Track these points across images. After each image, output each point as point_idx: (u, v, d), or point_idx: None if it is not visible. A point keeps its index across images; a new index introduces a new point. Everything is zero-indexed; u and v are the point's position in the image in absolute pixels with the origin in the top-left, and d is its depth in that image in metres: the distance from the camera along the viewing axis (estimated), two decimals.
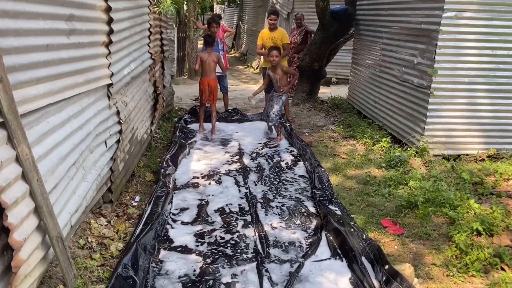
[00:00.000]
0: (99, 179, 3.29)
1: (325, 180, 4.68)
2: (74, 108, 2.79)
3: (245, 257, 3.34)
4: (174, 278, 3.04)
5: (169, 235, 3.64)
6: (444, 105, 5.25)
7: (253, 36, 16.43)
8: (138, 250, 3.10)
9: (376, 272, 3.05)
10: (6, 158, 1.91)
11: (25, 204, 2.03)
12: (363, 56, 7.61)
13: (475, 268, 2.97)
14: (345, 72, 11.79)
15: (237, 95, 9.87)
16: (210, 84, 6.40)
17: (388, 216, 3.99)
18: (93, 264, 2.90)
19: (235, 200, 4.37)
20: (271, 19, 7.30)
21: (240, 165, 5.35)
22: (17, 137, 1.99)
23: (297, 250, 3.49)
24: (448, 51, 5.07)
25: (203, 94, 6.49)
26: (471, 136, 5.38)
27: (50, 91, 2.41)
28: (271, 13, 7.48)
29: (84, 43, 2.95)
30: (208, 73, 6.39)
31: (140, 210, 3.97)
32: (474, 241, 3.23)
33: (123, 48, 4.00)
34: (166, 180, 4.50)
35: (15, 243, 1.89)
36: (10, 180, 1.91)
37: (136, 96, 4.55)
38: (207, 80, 6.40)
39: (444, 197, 3.90)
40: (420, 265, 3.15)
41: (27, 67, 2.20)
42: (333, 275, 3.13)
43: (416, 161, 5.19)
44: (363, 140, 6.21)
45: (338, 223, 3.69)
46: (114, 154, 3.66)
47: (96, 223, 3.47)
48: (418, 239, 3.54)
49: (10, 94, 1.96)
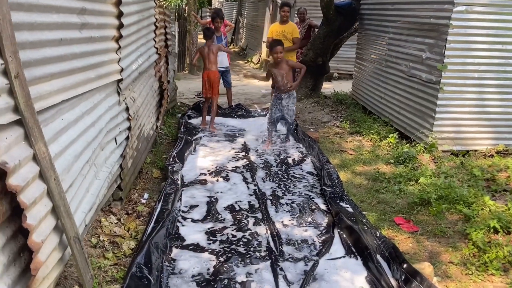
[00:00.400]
0: (110, 177, 3.23)
1: (335, 177, 4.63)
2: (86, 105, 2.72)
3: (259, 256, 3.29)
4: (188, 277, 2.99)
5: (180, 233, 3.58)
6: (453, 101, 5.20)
7: (253, 31, 16.33)
8: (150, 249, 3.04)
9: (393, 271, 3.01)
10: (23, 157, 1.84)
11: (43, 204, 1.96)
12: (368, 51, 7.55)
13: (494, 267, 2.93)
14: (347, 67, 11.74)
15: (239, 91, 9.79)
16: (209, 77, 6.36)
17: (400, 213, 3.95)
18: (107, 264, 2.84)
19: (244, 197, 4.31)
20: (283, 11, 7.19)
21: (247, 162, 5.29)
22: (34, 135, 1.92)
23: (310, 248, 3.44)
24: (458, 46, 5.01)
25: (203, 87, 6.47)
26: (480, 132, 5.34)
27: (64, 87, 2.34)
28: (284, 4, 7.35)
29: (95, 37, 2.87)
30: (208, 66, 6.34)
31: (149, 208, 3.91)
32: (492, 239, 3.19)
33: (132, 43, 3.92)
34: (174, 177, 4.43)
35: (34, 245, 1.83)
36: (28, 179, 1.84)
37: (143, 92, 4.47)
38: (207, 72, 6.37)
39: (458, 194, 3.86)
40: (437, 263, 3.11)
41: (42, 62, 2.13)
42: (349, 274, 3.09)
43: (425, 157, 5.15)
44: (369, 136, 6.16)
45: (351, 220, 3.64)
46: (123, 151, 3.59)
47: (106, 221, 3.40)
48: (433, 236, 3.49)
49: (27, 91, 1.89)
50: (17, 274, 1.90)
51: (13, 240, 1.89)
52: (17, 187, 1.74)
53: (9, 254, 1.85)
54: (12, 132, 1.82)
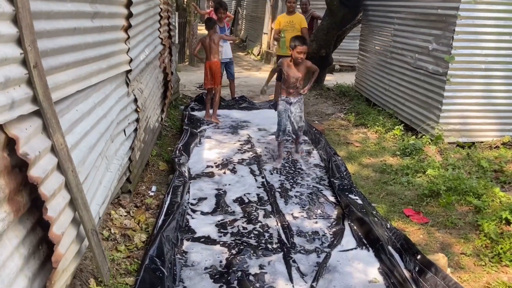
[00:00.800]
0: (121, 169, 3.20)
1: (343, 169, 4.62)
2: (99, 95, 2.68)
3: (271, 248, 3.28)
4: (201, 270, 2.98)
5: (190, 226, 3.56)
6: (460, 92, 5.19)
7: (253, 22, 16.20)
8: (162, 241, 3.02)
9: (405, 262, 3.01)
10: (43, 148, 1.81)
11: (61, 196, 1.93)
12: (372, 43, 7.50)
13: (508, 258, 2.93)
14: (349, 59, 11.69)
15: (241, 83, 9.73)
16: (211, 67, 6.31)
17: (409, 205, 3.94)
18: (119, 256, 2.83)
19: (252, 190, 4.29)
20: (289, 2, 7.12)
21: (253, 154, 5.26)
22: (52, 126, 1.88)
23: (321, 240, 3.44)
24: (465, 37, 4.98)
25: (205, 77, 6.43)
26: (486, 124, 5.34)
27: (78, 77, 2.30)
28: None
29: (106, 27, 2.82)
30: (210, 56, 6.30)
31: (157, 200, 3.89)
32: (504, 230, 3.19)
33: (140, 33, 3.87)
34: (182, 169, 4.40)
35: (55, 237, 1.81)
36: (48, 171, 1.81)
37: (149, 83, 4.43)
38: (208, 63, 6.33)
39: (467, 186, 3.86)
40: (450, 254, 3.11)
41: (57, 52, 2.09)
42: (362, 265, 3.09)
43: (431, 149, 5.14)
44: (374, 128, 6.14)
45: (361, 212, 3.64)
46: (132, 143, 3.56)
47: (116, 213, 3.38)
48: (444, 228, 3.49)
49: (45, 81, 1.85)
50: (36, 267, 1.88)
51: (32, 233, 1.87)
52: (38, 179, 1.72)
53: (29, 246, 1.82)
54: (32, 123, 1.79)
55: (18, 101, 1.68)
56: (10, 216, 1.64)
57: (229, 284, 2.83)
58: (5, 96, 1.61)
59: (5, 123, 1.61)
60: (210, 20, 6.58)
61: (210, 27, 6.36)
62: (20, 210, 1.72)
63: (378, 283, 2.89)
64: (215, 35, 6.35)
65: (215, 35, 6.34)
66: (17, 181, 1.70)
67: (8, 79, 1.62)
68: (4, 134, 1.63)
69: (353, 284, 2.87)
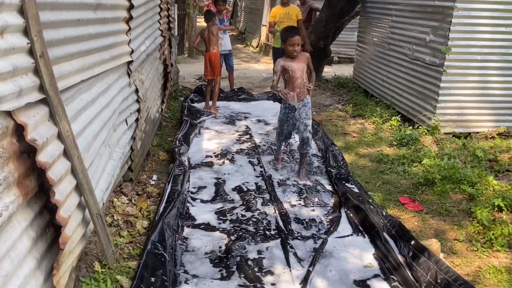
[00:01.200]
0: (123, 158, 3.28)
1: (340, 159, 4.70)
2: (102, 85, 2.75)
3: (269, 234, 3.37)
4: (201, 255, 3.07)
5: (190, 213, 3.65)
6: (456, 83, 5.26)
7: (252, 14, 16.19)
8: (163, 227, 3.11)
9: (400, 248, 3.09)
10: (50, 134, 1.88)
11: (68, 181, 2.01)
12: (370, 34, 7.55)
13: (500, 243, 3.02)
14: (347, 51, 11.73)
15: (239, 74, 9.78)
16: (210, 58, 6.39)
17: (405, 193, 4.03)
18: (122, 242, 2.91)
19: (251, 179, 4.38)
20: None
21: (252, 144, 5.34)
22: (58, 114, 1.96)
23: (318, 227, 3.53)
24: (462, 28, 5.04)
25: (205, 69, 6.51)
26: (482, 114, 5.41)
27: (82, 67, 2.37)
28: None
29: (108, 18, 2.88)
30: (209, 48, 6.39)
31: (158, 189, 3.97)
32: (496, 217, 3.28)
33: (140, 24, 3.93)
34: (182, 159, 4.49)
35: (62, 220, 1.89)
36: (55, 157, 1.89)
37: (150, 75, 4.49)
38: (208, 54, 6.41)
39: (461, 174, 3.94)
40: (443, 240, 3.21)
41: (62, 42, 2.15)
42: (357, 251, 3.18)
43: (428, 139, 5.22)
44: (372, 119, 6.21)
45: (357, 200, 3.72)
46: (134, 132, 3.63)
47: (118, 201, 3.46)
48: (438, 215, 3.58)
49: (51, 70, 1.92)
50: (44, 249, 1.96)
51: (40, 216, 1.95)
52: (45, 164, 1.79)
53: (37, 229, 1.91)
54: (39, 111, 1.86)
55: (25, 89, 1.75)
56: (19, 199, 1.71)
57: (229, 268, 2.92)
58: (13, 84, 1.68)
59: (13, 110, 1.68)
60: (209, 12, 6.63)
61: (209, 19, 6.42)
62: (28, 194, 1.80)
63: (373, 268, 2.98)
64: (214, 27, 6.40)
65: (213, 27, 6.39)
66: (25, 166, 1.78)
67: (16, 68, 1.69)
68: (13, 121, 1.70)
69: (348, 268, 2.96)
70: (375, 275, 2.91)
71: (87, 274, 2.39)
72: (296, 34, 4.06)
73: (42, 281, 1.90)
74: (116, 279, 2.46)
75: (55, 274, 1.89)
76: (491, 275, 2.77)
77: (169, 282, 2.64)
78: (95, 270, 2.43)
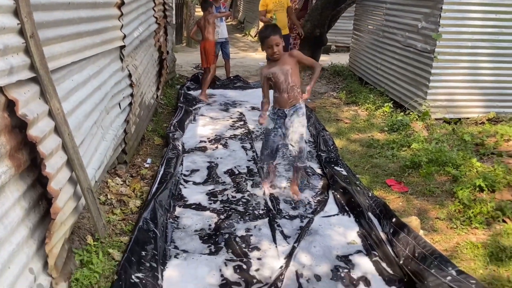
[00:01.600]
0: (116, 139, 3.39)
1: (330, 143, 4.81)
2: (93, 68, 2.86)
3: (257, 214, 3.49)
4: (191, 232, 3.20)
5: (182, 194, 3.77)
6: (447, 69, 5.33)
7: (251, 4, 16.18)
8: (156, 206, 3.23)
9: (383, 226, 3.21)
10: (41, 111, 1.99)
11: (59, 156, 2.13)
12: (365, 22, 7.61)
13: (478, 221, 3.13)
14: (345, 40, 11.76)
15: (237, 63, 9.86)
16: (204, 46, 6.49)
17: (392, 176, 4.14)
18: (115, 219, 3.04)
19: (243, 163, 4.49)
20: None
21: (245, 130, 5.45)
22: (49, 92, 2.06)
23: (306, 207, 3.64)
24: (453, 15, 5.11)
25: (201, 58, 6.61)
26: (472, 100, 5.50)
27: (73, 50, 2.47)
28: None
29: (99, 3, 2.98)
30: (206, 36, 6.46)
31: (152, 171, 4.09)
32: (477, 196, 3.39)
33: (133, 11, 4.01)
34: (176, 143, 4.60)
35: (53, 191, 2.01)
36: (45, 132, 2.00)
37: (144, 61, 4.59)
38: (202, 42, 6.51)
39: (447, 157, 4.04)
40: (425, 219, 3.32)
41: (53, 25, 2.25)
42: (342, 229, 3.30)
43: (418, 124, 5.32)
44: (365, 105, 6.30)
45: (345, 182, 3.83)
46: (127, 116, 3.74)
47: (112, 182, 3.59)
48: (422, 196, 3.70)
49: (41, 50, 2.02)
50: (36, 220, 2.08)
51: (32, 189, 2.07)
52: (36, 138, 1.90)
53: (30, 200, 2.03)
54: (30, 88, 1.97)
55: (16, 67, 1.85)
56: (11, 170, 1.83)
57: (217, 244, 3.05)
58: (3, 62, 1.78)
59: (4, 86, 1.79)
60: (206, 1, 6.70)
61: (205, 8, 6.50)
62: (20, 166, 1.92)
63: (356, 244, 3.10)
64: (210, 15, 6.48)
65: (209, 15, 6.47)
66: (17, 140, 1.89)
67: (7, 47, 1.79)
68: (4, 97, 1.81)
69: (332, 245, 3.08)
70: (358, 251, 3.03)
71: (80, 246, 2.52)
72: (272, 33, 3.36)
73: (35, 249, 2.02)
74: (108, 251, 2.59)
75: (47, 242, 2.01)
76: (468, 250, 2.89)
77: (159, 256, 2.77)
78: (88, 243, 2.56)
